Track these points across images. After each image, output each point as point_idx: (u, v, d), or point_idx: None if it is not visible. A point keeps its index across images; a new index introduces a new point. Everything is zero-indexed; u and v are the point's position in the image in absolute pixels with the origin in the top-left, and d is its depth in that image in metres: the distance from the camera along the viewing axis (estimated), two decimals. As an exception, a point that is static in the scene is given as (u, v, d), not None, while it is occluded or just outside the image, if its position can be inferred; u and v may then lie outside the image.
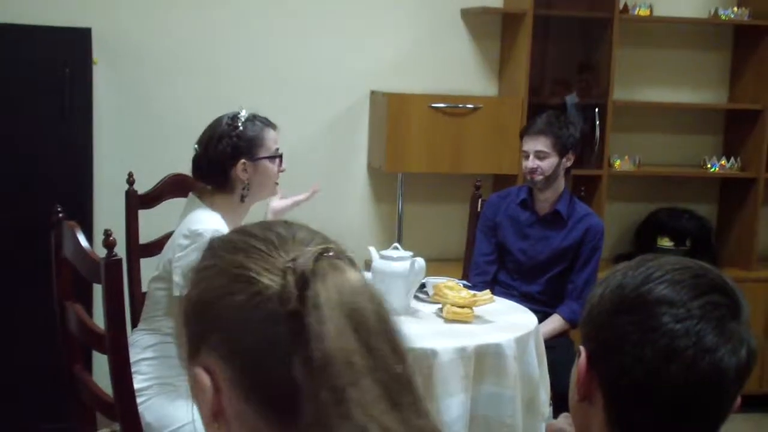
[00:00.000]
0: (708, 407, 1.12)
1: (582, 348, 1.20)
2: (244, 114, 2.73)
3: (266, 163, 2.73)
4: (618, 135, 4.72)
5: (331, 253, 0.90)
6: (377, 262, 3.01)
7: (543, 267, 3.59)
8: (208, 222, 2.60)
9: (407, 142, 4.29)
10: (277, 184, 2.81)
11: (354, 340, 0.85)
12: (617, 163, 4.66)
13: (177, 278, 2.55)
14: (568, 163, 3.56)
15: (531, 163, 3.51)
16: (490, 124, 4.34)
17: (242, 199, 2.72)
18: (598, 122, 4.53)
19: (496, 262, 3.68)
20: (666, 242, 4.72)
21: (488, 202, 3.78)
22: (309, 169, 4.49)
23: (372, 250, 3.09)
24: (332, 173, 4.55)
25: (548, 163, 3.50)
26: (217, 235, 2.65)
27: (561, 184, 3.58)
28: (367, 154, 4.56)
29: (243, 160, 2.68)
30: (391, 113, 4.26)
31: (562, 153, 3.51)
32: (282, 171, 2.81)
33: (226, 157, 2.67)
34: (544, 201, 3.61)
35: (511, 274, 3.66)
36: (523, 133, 3.58)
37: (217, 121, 2.73)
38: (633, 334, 1.12)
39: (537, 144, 3.50)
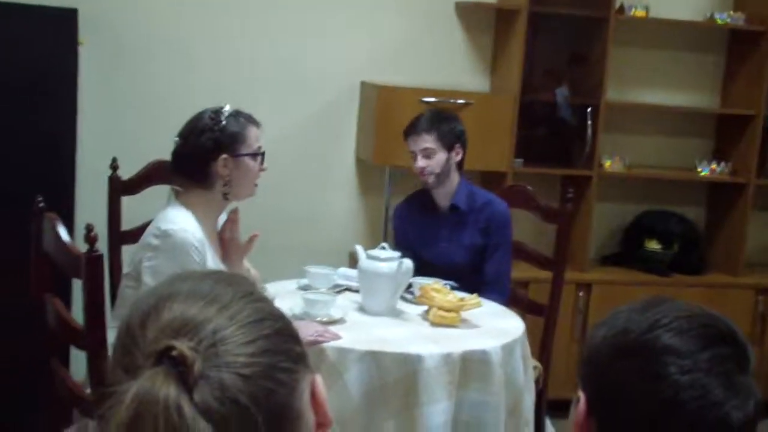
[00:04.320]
0: None
1: (581, 394, 1.16)
2: (227, 109, 2.69)
3: (247, 160, 2.68)
4: (609, 135, 4.69)
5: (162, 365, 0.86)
6: (364, 262, 2.98)
7: (463, 269, 3.44)
8: (179, 221, 2.57)
9: (396, 135, 4.19)
10: (256, 185, 2.75)
11: None
12: (607, 163, 4.64)
13: (147, 279, 2.53)
14: (458, 157, 3.48)
15: (420, 162, 3.43)
16: (481, 120, 4.29)
17: (224, 196, 2.68)
18: (590, 122, 4.50)
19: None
20: (653, 245, 4.71)
21: (395, 212, 3.68)
22: (296, 158, 4.46)
23: (359, 249, 3.04)
24: (319, 163, 4.51)
25: (437, 160, 3.42)
26: (184, 235, 2.54)
27: (455, 178, 3.50)
28: (355, 145, 4.53)
29: (224, 155, 2.63)
30: (381, 106, 4.22)
31: (449, 147, 3.44)
32: (263, 170, 2.75)
33: (207, 150, 2.62)
34: (443, 199, 3.52)
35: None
36: (407, 134, 3.48)
37: (200, 115, 2.69)
38: (636, 383, 1.09)
39: (422, 142, 3.42)
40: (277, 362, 0.90)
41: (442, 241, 3.51)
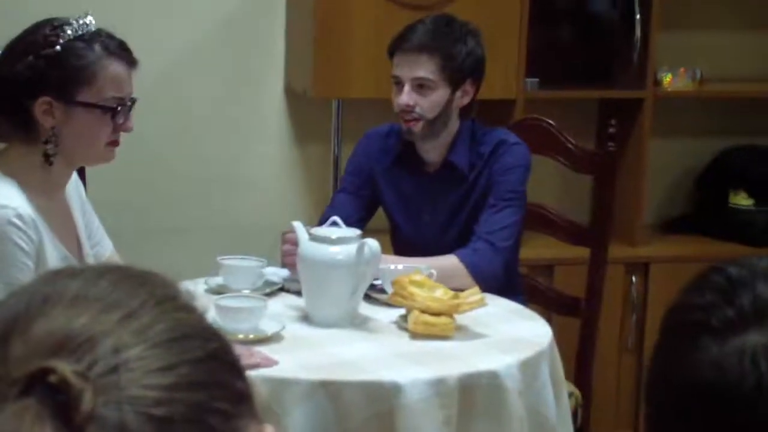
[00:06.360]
0: None
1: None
2: (84, 23, 2.66)
3: (85, 113, 2.65)
4: (667, 35, 4.70)
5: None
6: (306, 245, 3.00)
7: (453, 248, 3.39)
8: None
9: (346, 52, 4.27)
10: (113, 144, 2.73)
11: None
12: (667, 78, 4.67)
13: None
14: (465, 99, 3.43)
15: (406, 97, 3.35)
16: (474, 23, 4.29)
17: (47, 158, 2.64)
18: (638, 16, 4.53)
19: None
20: (742, 199, 4.75)
21: (363, 140, 3.65)
22: (194, 96, 4.47)
23: (298, 226, 3.06)
24: (232, 100, 4.53)
25: (432, 100, 3.35)
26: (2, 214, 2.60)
27: (453, 126, 3.46)
28: (284, 72, 4.55)
29: (48, 98, 2.60)
30: (320, 9, 4.23)
31: (455, 82, 3.37)
32: (126, 130, 2.73)
33: (20, 83, 2.61)
34: (432, 153, 3.50)
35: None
36: (394, 48, 3.42)
37: (38, 26, 2.67)
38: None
39: (416, 68, 3.35)
40: (208, 401, 0.89)
41: (426, 212, 3.52)
